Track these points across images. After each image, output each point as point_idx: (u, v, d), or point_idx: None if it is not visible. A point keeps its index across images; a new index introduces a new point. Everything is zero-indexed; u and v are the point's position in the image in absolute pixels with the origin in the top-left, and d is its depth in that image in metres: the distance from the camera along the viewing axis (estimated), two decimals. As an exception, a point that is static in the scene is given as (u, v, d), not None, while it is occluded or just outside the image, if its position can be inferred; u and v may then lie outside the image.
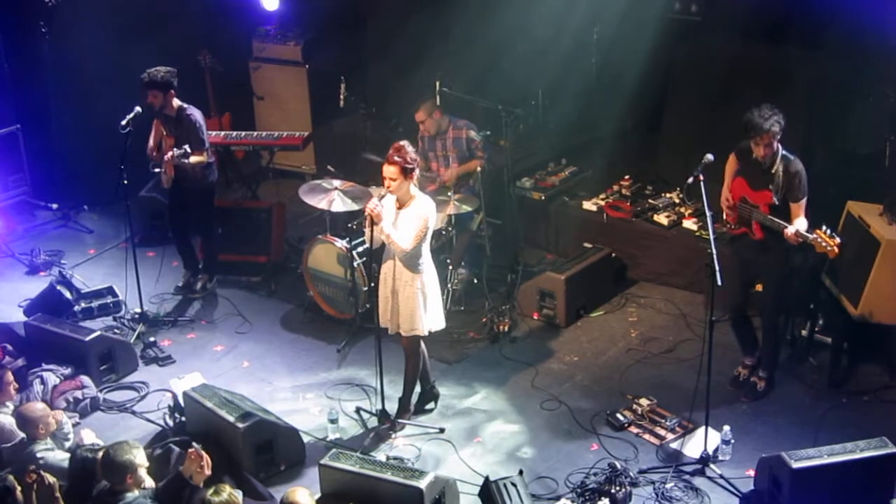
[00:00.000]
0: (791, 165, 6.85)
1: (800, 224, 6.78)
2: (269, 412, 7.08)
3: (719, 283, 6.41)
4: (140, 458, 5.73)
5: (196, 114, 8.44)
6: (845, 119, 8.31)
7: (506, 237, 9.32)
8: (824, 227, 6.61)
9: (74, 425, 7.13)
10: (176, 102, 8.40)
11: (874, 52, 8.03)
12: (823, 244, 6.55)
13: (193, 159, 8.28)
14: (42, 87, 10.52)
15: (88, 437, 6.77)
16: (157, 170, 8.57)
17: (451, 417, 7.43)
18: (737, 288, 7.28)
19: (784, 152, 6.87)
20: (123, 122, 8.07)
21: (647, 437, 7.10)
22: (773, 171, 6.86)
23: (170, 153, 8.22)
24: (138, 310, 8.56)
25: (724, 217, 7.25)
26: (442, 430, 7.25)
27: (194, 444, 5.87)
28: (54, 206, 10.51)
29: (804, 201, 6.85)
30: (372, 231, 6.80)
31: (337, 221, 8.67)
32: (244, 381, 7.89)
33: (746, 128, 6.79)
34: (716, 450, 6.80)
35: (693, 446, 6.93)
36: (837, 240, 6.54)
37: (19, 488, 5.68)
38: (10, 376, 7.07)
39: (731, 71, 8.90)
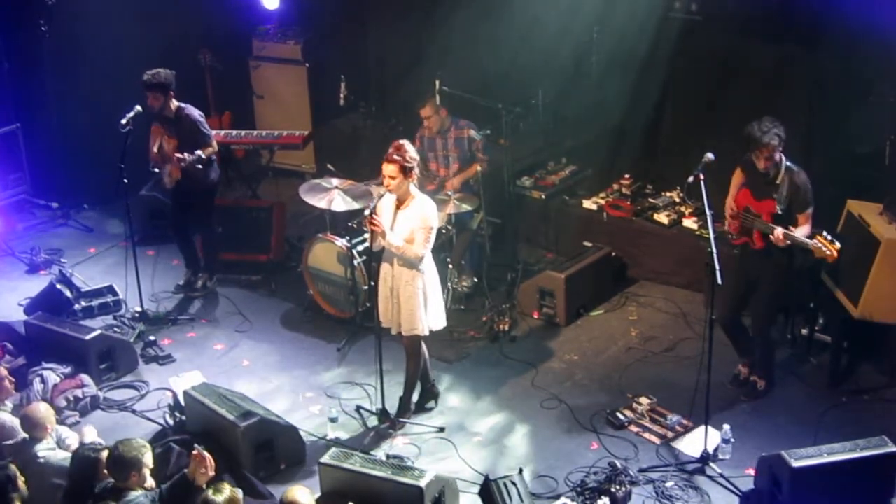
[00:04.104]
0: (796, 177, 6.83)
1: (800, 231, 6.78)
2: (269, 411, 7.08)
3: (719, 282, 6.41)
4: (147, 458, 5.74)
5: (194, 111, 8.49)
6: (845, 119, 8.29)
7: (506, 236, 9.32)
8: (824, 233, 6.61)
9: (75, 424, 7.14)
10: (174, 103, 8.42)
11: (874, 52, 8.02)
12: (824, 249, 6.55)
13: (207, 152, 8.41)
14: (42, 86, 10.51)
15: (90, 434, 6.77)
16: (157, 170, 8.58)
17: (451, 416, 7.43)
18: (733, 294, 7.22)
19: (788, 163, 6.85)
20: (123, 121, 8.08)
21: (647, 435, 7.10)
22: (777, 182, 6.85)
23: (184, 155, 8.24)
24: (138, 308, 8.56)
25: (727, 226, 7.24)
26: (442, 429, 7.25)
27: (197, 445, 5.87)
28: (54, 204, 10.51)
29: (810, 211, 6.85)
30: (373, 236, 6.81)
31: (337, 220, 8.67)
32: (244, 379, 7.89)
33: (747, 141, 6.78)
34: (716, 449, 6.80)
35: (693, 445, 6.93)
36: (837, 245, 6.54)
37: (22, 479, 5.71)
38: (2, 371, 7.07)
39: (731, 70, 8.88)
